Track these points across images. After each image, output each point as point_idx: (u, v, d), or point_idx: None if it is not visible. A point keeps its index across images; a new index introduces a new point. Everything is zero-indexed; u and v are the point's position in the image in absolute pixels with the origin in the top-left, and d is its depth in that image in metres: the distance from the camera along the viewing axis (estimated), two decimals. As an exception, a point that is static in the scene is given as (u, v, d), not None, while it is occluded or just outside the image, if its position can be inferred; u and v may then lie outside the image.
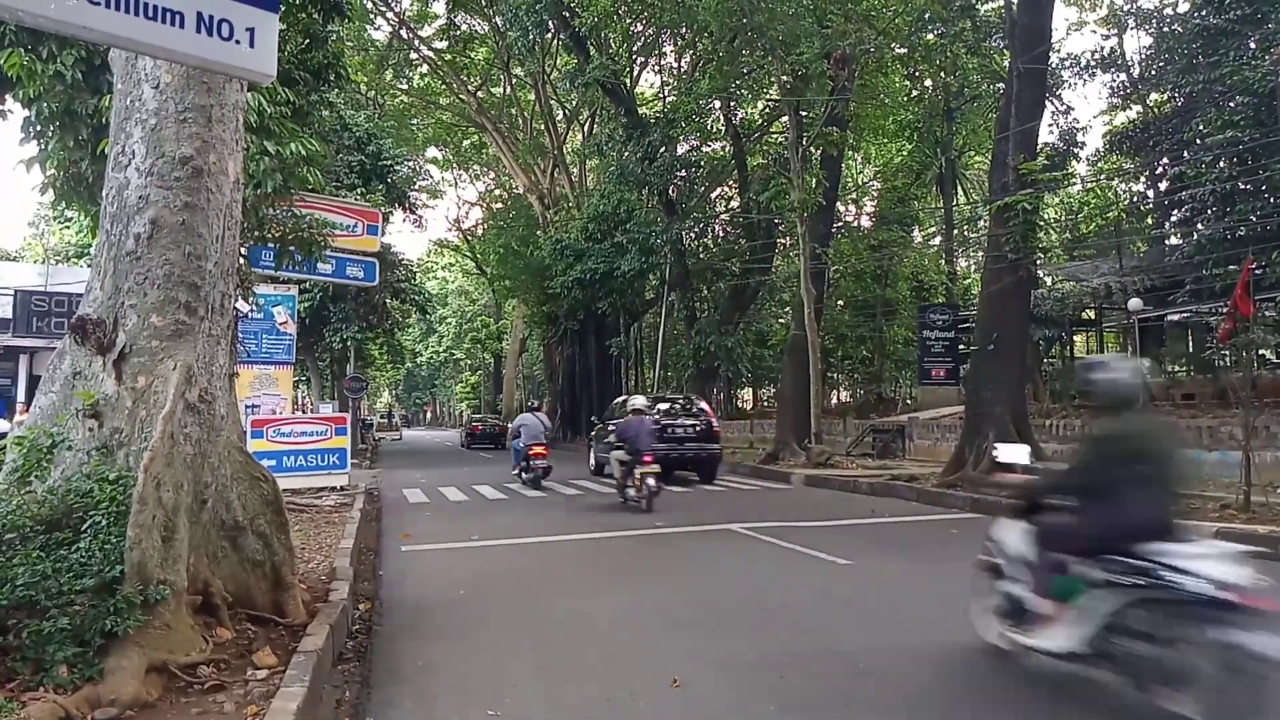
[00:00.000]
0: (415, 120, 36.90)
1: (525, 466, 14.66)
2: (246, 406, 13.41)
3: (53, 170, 6.57)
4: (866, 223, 35.76)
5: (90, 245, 10.82)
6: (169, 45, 3.40)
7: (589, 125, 33.48)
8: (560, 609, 5.77)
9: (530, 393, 50.63)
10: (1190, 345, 22.98)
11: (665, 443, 14.74)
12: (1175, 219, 22.56)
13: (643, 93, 32.89)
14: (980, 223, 28.30)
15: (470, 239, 45.63)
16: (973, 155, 32.29)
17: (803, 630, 5.19)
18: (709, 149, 29.12)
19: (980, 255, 28.53)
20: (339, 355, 27.43)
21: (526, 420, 15.23)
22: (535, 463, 14.43)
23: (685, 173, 26.37)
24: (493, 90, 35.45)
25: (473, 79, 34.42)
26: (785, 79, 18.60)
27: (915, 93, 28.11)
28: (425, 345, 66.89)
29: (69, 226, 31.95)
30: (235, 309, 5.22)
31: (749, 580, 6.78)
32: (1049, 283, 24.12)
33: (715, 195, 31.88)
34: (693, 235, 28.48)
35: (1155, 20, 22.38)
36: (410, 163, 31.97)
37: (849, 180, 33.29)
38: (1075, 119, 26.22)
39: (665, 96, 29.99)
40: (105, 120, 5.33)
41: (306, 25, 8.03)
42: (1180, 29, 20.61)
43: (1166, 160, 21.97)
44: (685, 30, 24.91)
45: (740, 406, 41.91)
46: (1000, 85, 19.27)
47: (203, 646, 3.96)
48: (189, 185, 4.57)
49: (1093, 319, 26.57)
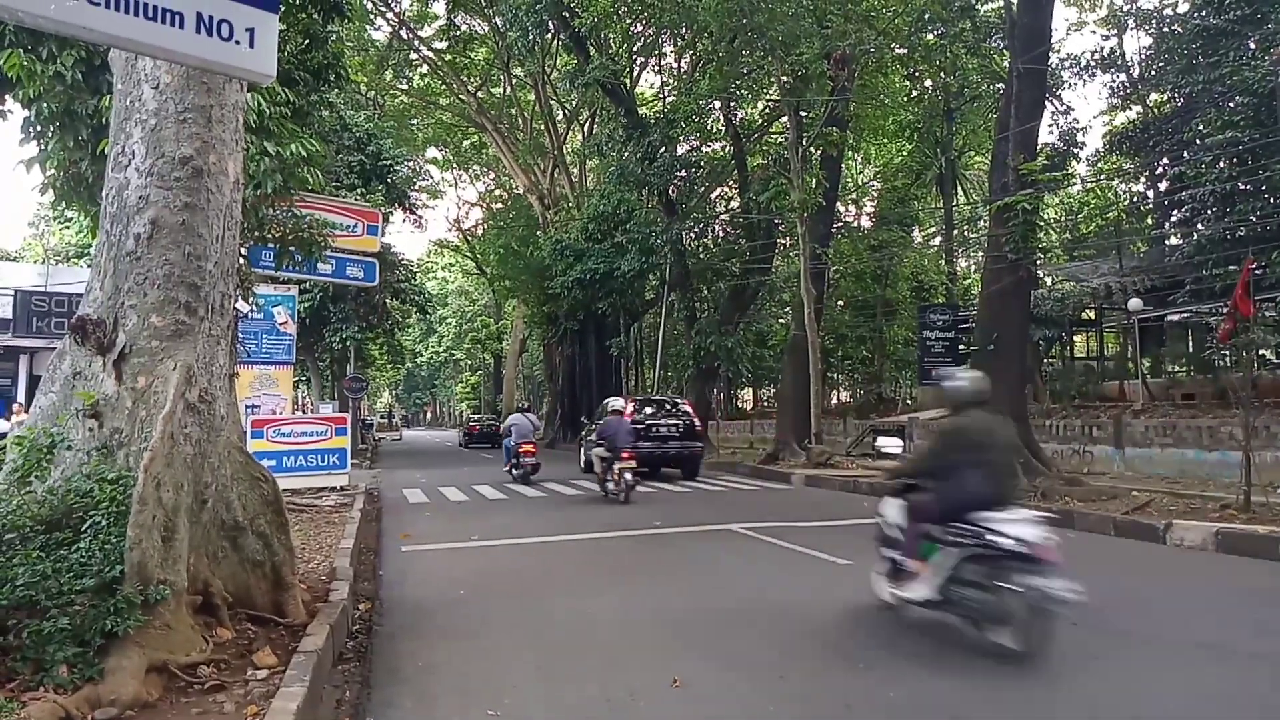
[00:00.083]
0: (415, 120, 36.89)
1: (516, 463, 15.68)
2: (246, 407, 13.42)
3: (53, 170, 6.57)
4: (866, 223, 35.79)
5: (90, 245, 10.83)
6: (169, 46, 3.40)
7: (589, 125, 33.45)
8: (561, 609, 5.77)
9: (530, 393, 50.72)
10: (1190, 345, 22.98)
11: (650, 441, 15.97)
12: (1175, 219, 22.55)
13: (643, 93, 32.88)
14: (980, 223, 28.31)
15: (470, 239, 45.61)
16: (973, 155, 32.29)
17: (803, 630, 5.19)
18: (709, 149, 29.08)
19: (980, 255, 28.54)
20: (339, 355, 27.44)
21: (517, 420, 16.35)
22: (525, 460, 15.45)
23: (685, 173, 26.30)
24: (493, 90, 35.43)
25: (473, 79, 34.40)
26: (785, 79, 18.61)
27: (915, 93, 28.10)
28: (425, 345, 66.92)
29: (69, 227, 31.98)
30: (235, 309, 5.23)
31: (749, 580, 6.78)
32: (1049, 283, 24.11)
33: (715, 195, 31.84)
34: (693, 235, 28.43)
35: (1155, 20, 22.37)
36: (410, 163, 31.99)
37: (849, 180, 33.30)
38: (1075, 119, 26.23)
39: (665, 97, 29.96)
40: (105, 120, 5.33)
41: (306, 25, 8.03)
42: (1180, 29, 20.60)
43: (1166, 160, 21.96)
44: (685, 30, 24.88)
45: (740, 407, 41.95)
46: (1000, 85, 19.28)
47: (203, 646, 3.97)
48: (189, 185, 4.58)
49: (1093, 319, 26.55)
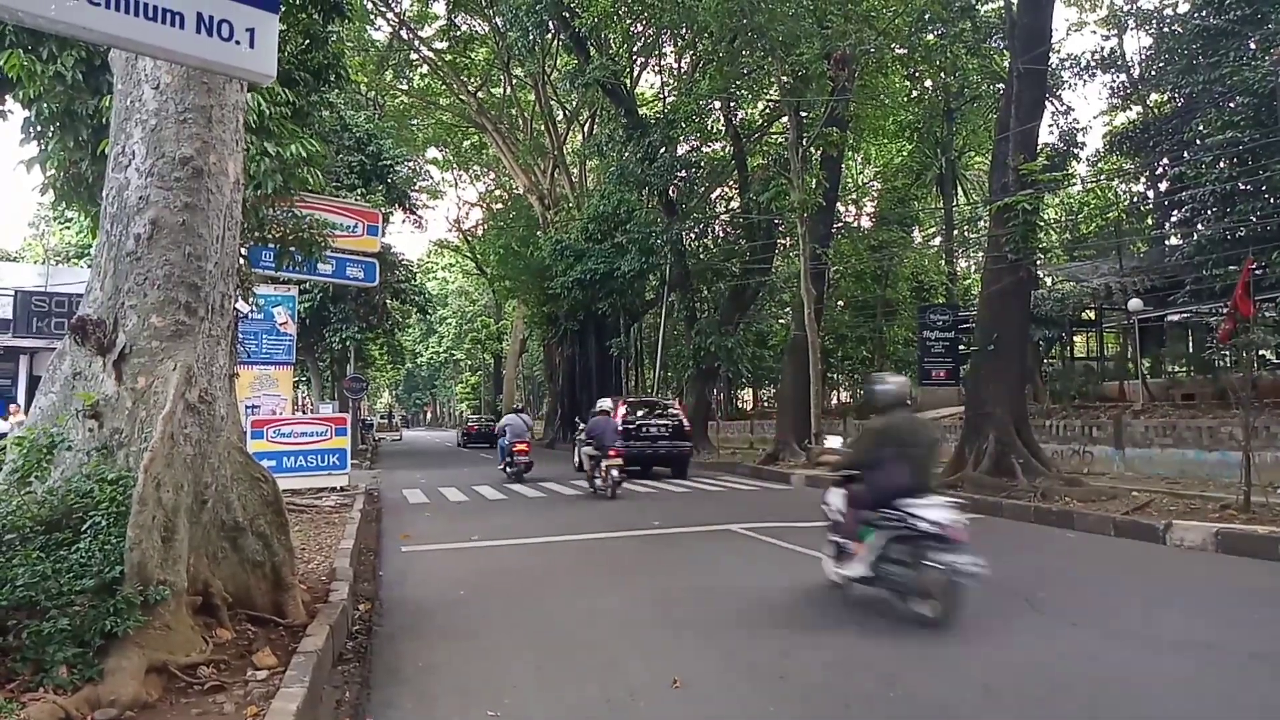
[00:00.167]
0: (415, 121, 36.88)
1: (509, 462, 16.36)
2: (246, 407, 13.42)
3: (53, 171, 6.57)
4: (866, 223, 35.76)
5: (90, 246, 10.83)
6: (169, 46, 3.39)
7: (589, 126, 33.44)
8: (561, 609, 5.78)
9: (530, 393, 50.68)
10: (1190, 345, 22.95)
11: (640, 440, 16.74)
12: (1175, 219, 22.53)
13: (643, 93, 32.88)
14: (980, 223, 28.29)
15: (470, 239, 45.60)
16: (973, 155, 32.29)
17: (802, 630, 5.20)
18: (709, 149, 29.09)
19: (980, 255, 28.54)
20: (339, 355, 27.43)
21: (511, 421, 17.16)
22: (518, 459, 16.20)
23: (685, 173, 26.31)
24: (493, 91, 35.43)
25: (473, 79, 34.39)
26: (785, 79, 18.62)
27: (915, 93, 28.08)
28: (425, 346, 66.90)
29: (69, 227, 31.93)
30: (235, 309, 5.23)
31: (749, 581, 6.77)
32: (1049, 283, 24.10)
33: (715, 195, 31.84)
34: (693, 235, 28.45)
35: (1155, 21, 22.35)
36: (410, 163, 31.99)
37: (849, 180, 33.29)
38: (1075, 119, 26.15)
39: (665, 97, 29.96)
40: (105, 121, 5.33)
41: (306, 26, 8.03)
42: (1180, 29, 20.58)
43: (1166, 161, 21.94)
44: (685, 31, 24.89)
45: (740, 407, 41.94)
46: (1000, 86, 19.26)
47: (203, 647, 3.97)
48: (189, 186, 4.57)
49: (1093, 319, 26.55)
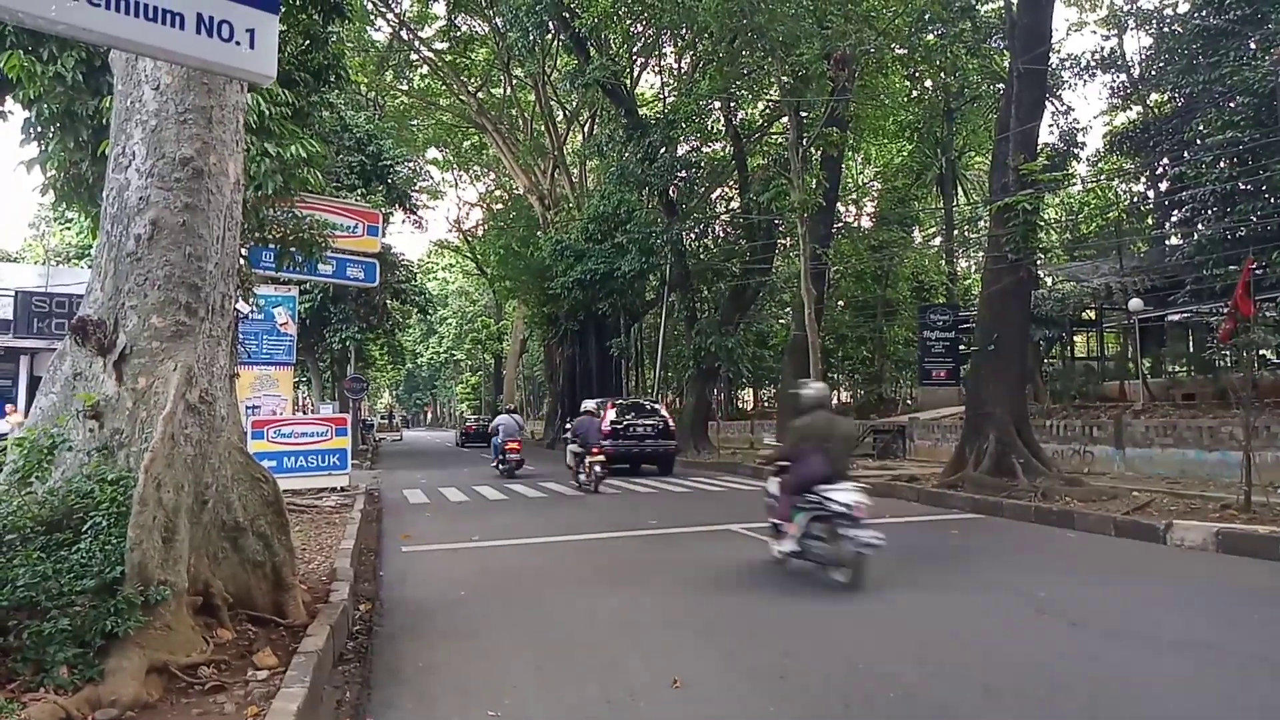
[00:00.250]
0: (415, 121, 36.86)
1: (502, 459, 17.25)
2: (247, 407, 13.42)
3: (53, 171, 6.58)
4: (866, 223, 35.77)
5: (91, 246, 10.83)
6: (169, 46, 3.39)
7: (589, 126, 33.45)
8: (561, 609, 5.78)
9: (531, 393, 50.64)
10: (1190, 345, 22.94)
11: (628, 440, 17.31)
12: (1175, 219, 22.51)
13: (643, 93, 32.88)
14: (980, 223, 28.28)
15: (470, 240, 45.59)
16: (973, 155, 32.27)
17: (802, 631, 5.19)
18: (709, 149, 29.09)
19: (980, 255, 28.54)
20: (339, 356, 27.44)
21: (504, 420, 18.18)
22: (510, 456, 17.12)
23: (685, 173, 26.30)
24: (493, 91, 35.42)
25: (473, 80, 34.38)
26: (785, 79, 18.60)
27: (915, 93, 28.07)
28: (425, 346, 66.86)
29: (69, 227, 31.89)
30: (235, 310, 5.23)
31: (749, 581, 6.78)
32: (1049, 283, 24.09)
33: (715, 196, 31.84)
34: (693, 236, 28.45)
35: (1155, 21, 22.33)
36: (410, 163, 31.98)
37: (849, 180, 33.29)
38: (1075, 119, 26.12)
39: (665, 97, 29.96)
40: (106, 121, 5.34)
41: (307, 26, 8.04)
42: (1180, 29, 20.57)
43: (1166, 161, 21.93)
44: (685, 31, 24.88)
45: (741, 407, 41.91)
46: (1000, 86, 19.26)
47: (203, 647, 3.97)
48: (189, 186, 4.58)
49: (1093, 319, 26.54)
